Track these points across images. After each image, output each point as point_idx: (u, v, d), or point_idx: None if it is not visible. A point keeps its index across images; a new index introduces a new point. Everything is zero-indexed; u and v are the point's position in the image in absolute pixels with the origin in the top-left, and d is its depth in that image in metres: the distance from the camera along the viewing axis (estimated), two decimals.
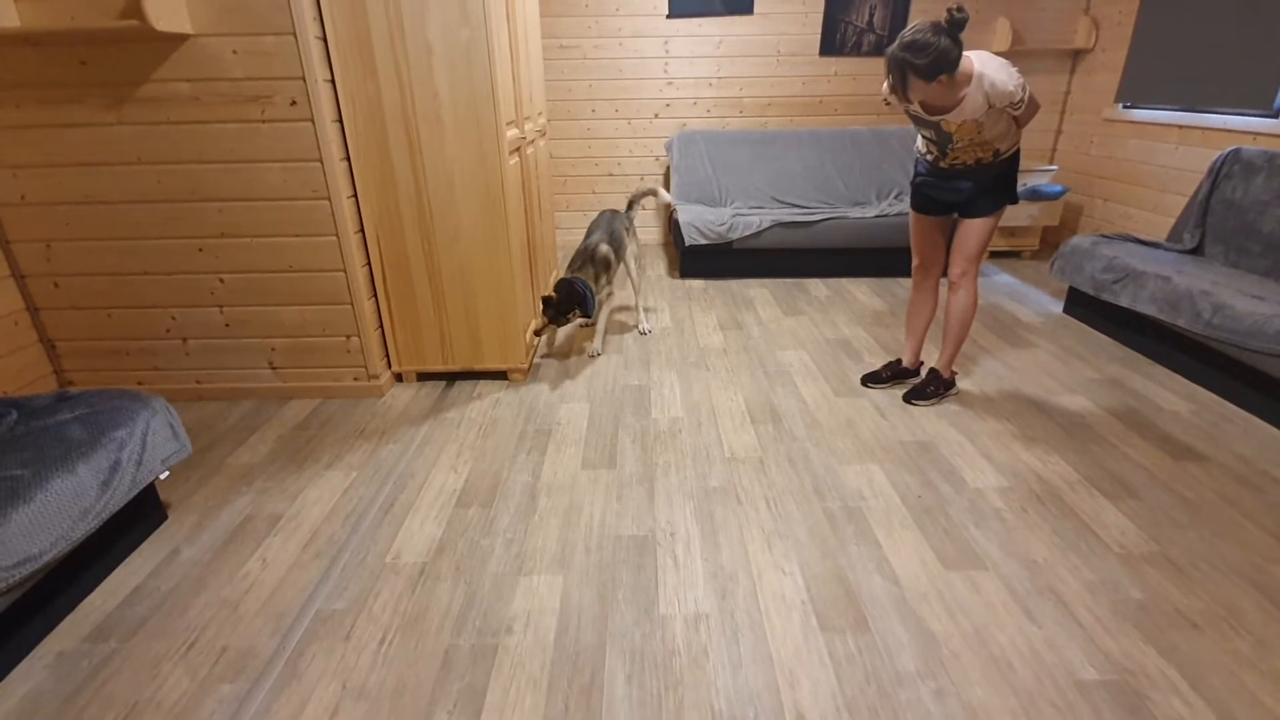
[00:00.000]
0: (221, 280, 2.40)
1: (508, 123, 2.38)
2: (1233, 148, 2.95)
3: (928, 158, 2.25)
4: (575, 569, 1.66)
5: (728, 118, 4.51)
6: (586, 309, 2.66)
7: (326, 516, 1.88)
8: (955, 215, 2.30)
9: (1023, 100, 1.94)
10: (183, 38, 2.07)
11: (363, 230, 2.41)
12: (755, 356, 2.90)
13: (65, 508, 1.41)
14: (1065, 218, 4.46)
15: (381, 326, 2.58)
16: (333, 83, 2.20)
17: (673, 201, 4.18)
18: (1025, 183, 4.10)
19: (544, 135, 3.32)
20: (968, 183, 2.18)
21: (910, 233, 2.43)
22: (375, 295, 2.53)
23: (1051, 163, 4.57)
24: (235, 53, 2.09)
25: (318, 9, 2.10)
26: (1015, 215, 4.11)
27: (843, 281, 3.95)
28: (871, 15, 4.21)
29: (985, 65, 1.92)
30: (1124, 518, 1.83)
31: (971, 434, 2.26)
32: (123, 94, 2.14)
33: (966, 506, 1.88)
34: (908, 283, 3.85)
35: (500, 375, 2.73)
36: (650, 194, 3.14)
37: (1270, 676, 1.35)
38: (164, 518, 1.89)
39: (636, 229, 3.31)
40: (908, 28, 1.86)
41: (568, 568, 1.67)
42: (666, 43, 4.30)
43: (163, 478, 2.05)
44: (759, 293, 3.75)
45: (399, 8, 2.10)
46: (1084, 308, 3.24)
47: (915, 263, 2.46)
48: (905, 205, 3.99)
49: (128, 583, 1.65)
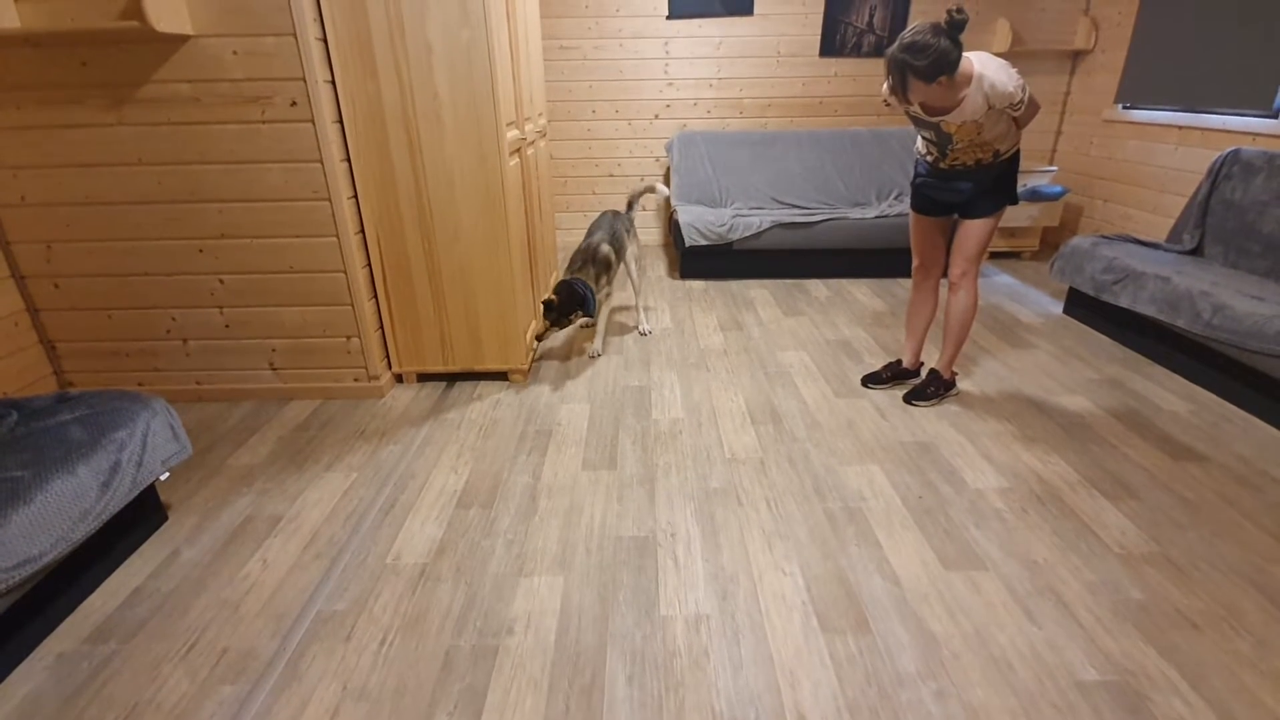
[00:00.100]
0: (222, 281, 2.40)
1: (508, 123, 2.38)
2: (1232, 148, 2.95)
3: (928, 159, 2.25)
4: (576, 570, 1.66)
5: (728, 119, 4.51)
6: (588, 309, 2.66)
7: (327, 517, 1.88)
8: (955, 216, 2.31)
9: (1022, 101, 1.94)
10: (183, 38, 2.07)
11: (363, 231, 2.42)
12: (755, 357, 2.90)
13: (65, 509, 1.41)
14: (1065, 218, 4.46)
15: (382, 327, 2.58)
16: (333, 83, 2.20)
17: (671, 198, 4.19)
18: (1025, 183, 4.10)
19: (544, 136, 3.32)
20: (968, 183, 2.18)
21: (910, 233, 2.43)
22: (375, 296, 2.53)
23: (1051, 163, 4.57)
24: (235, 53, 2.09)
25: (318, 9, 2.10)
26: (1015, 216, 4.12)
27: (843, 282, 3.95)
28: (871, 16, 4.21)
29: (985, 66, 1.92)
30: (1124, 518, 1.83)
31: (972, 434, 2.26)
32: (123, 95, 2.14)
33: (967, 507, 1.88)
34: (908, 283, 3.85)
35: (501, 376, 2.73)
36: (649, 191, 3.14)
37: (1271, 676, 1.35)
38: (164, 519, 1.89)
39: (637, 230, 3.31)
40: (907, 29, 1.86)
41: (568, 569, 1.67)
42: (667, 44, 4.30)
43: (163, 479, 2.05)
44: (759, 293, 3.75)
45: (399, 8, 2.10)
46: (1084, 308, 3.25)
47: (915, 263, 2.46)
48: (905, 206, 3.99)
49: (128, 584, 1.65)
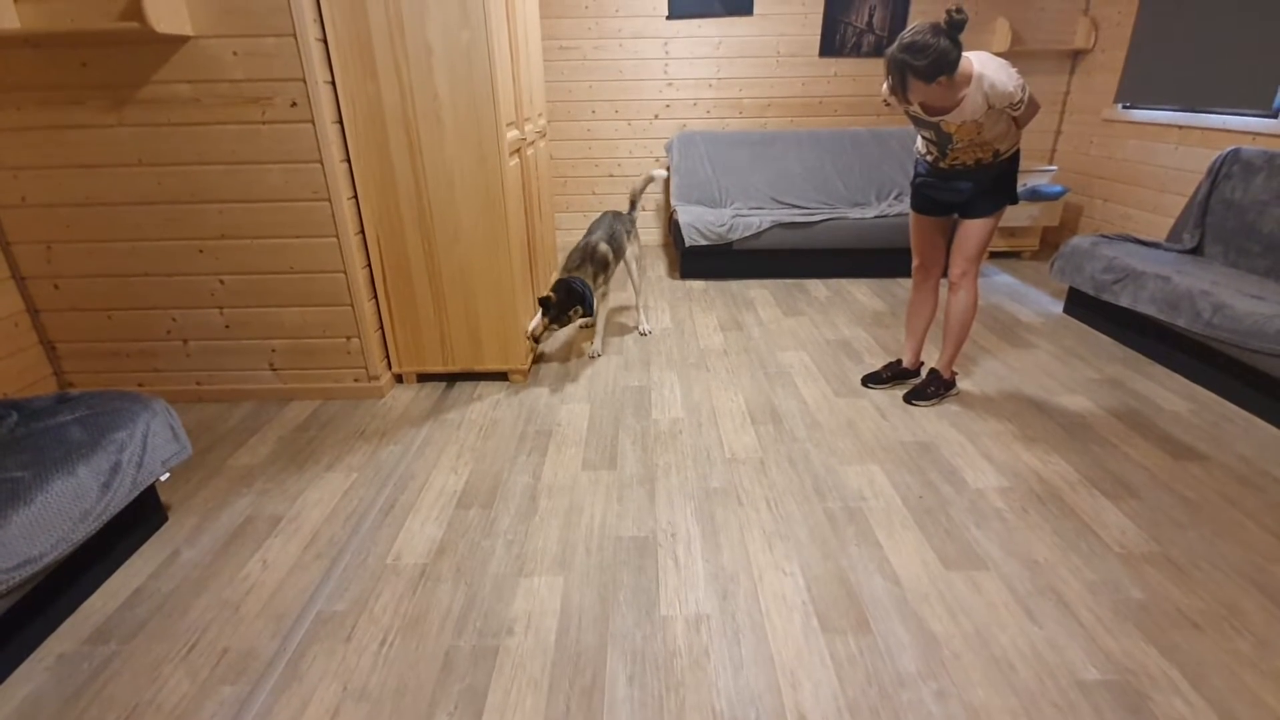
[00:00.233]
0: (222, 282, 2.40)
1: (508, 124, 2.38)
2: (1232, 148, 2.95)
3: (927, 158, 2.25)
4: (576, 570, 1.66)
5: (727, 119, 4.51)
6: (588, 306, 2.66)
7: (327, 518, 1.88)
8: (955, 216, 2.31)
9: (1022, 101, 1.94)
10: (183, 39, 2.07)
11: (363, 231, 2.42)
12: (755, 357, 2.90)
13: (65, 510, 1.41)
14: (1065, 218, 4.46)
15: (382, 328, 2.58)
16: (333, 84, 2.20)
17: (671, 196, 4.18)
18: (1025, 183, 4.10)
19: (544, 136, 3.33)
20: (967, 183, 2.18)
21: (910, 233, 2.43)
22: (375, 296, 2.53)
23: (1051, 163, 4.57)
24: (235, 54, 2.09)
25: (318, 10, 2.10)
26: (1015, 216, 4.11)
27: (843, 282, 3.95)
28: (871, 16, 4.21)
29: (985, 66, 1.92)
30: (1125, 518, 1.83)
31: (972, 434, 2.26)
32: (123, 96, 2.14)
33: (967, 507, 1.88)
34: (908, 283, 3.85)
35: (500, 376, 2.73)
36: (649, 182, 3.13)
37: (1272, 676, 1.35)
38: (164, 519, 1.89)
39: (638, 230, 3.30)
40: (907, 29, 1.86)
41: (568, 569, 1.67)
42: (666, 44, 4.30)
43: (163, 479, 2.05)
44: (759, 293, 3.75)
45: (399, 9, 2.10)
46: (1084, 308, 3.24)
47: (915, 263, 2.46)
48: (905, 206, 3.99)
49: (128, 584, 1.65)
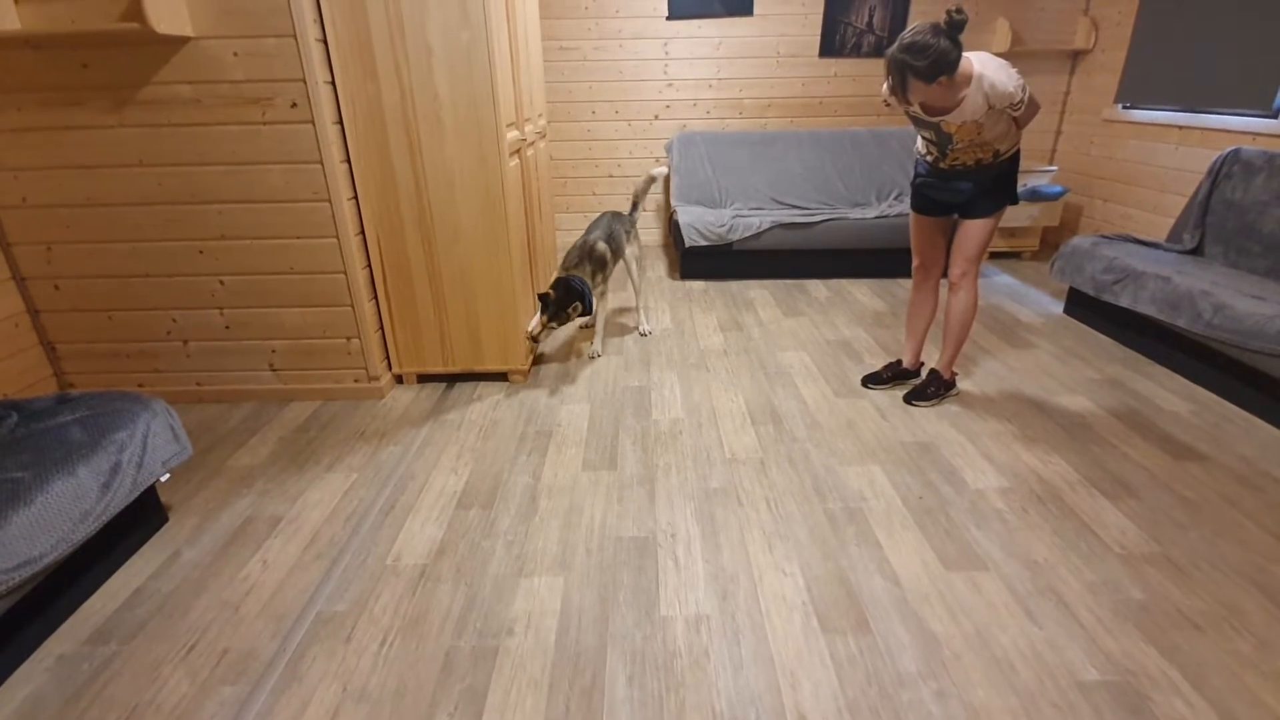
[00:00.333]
0: (222, 282, 2.40)
1: (508, 124, 2.38)
2: (1232, 148, 2.95)
3: (928, 159, 2.25)
4: (576, 570, 1.66)
5: (727, 119, 4.51)
6: (587, 304, 2.65)
7: (327, 518, 1.88)
8: (955, 216, 2.31)
9: (1022, 101, 1.94)
10: (183, 40, 2.07)
11: (363, 232, 2.42)
12: (755, 358, 2.90)
13: (66, 510, 1.41)
14: (1065, 218, 4.46)
15: (382, 328, 2.58)
16: (333, 84, 2.20)
17: (671, 197, 4.18)
18: (1025, 183, 4.10)
19: (544, 137, 3.33)
20: (968, 183, 2.18)
21: (910, 234, 2.43)
22: (375, 297, 2.53)
23: (1051, 163, 4.57)
24: (236, 55, 2.09)
25: (318, 11, 2.10)
26: (1015, 216, 4.11)
27: (843, 282, 3.95)
28: (871, 16, 4.21)
29: (985, 66, 1.92)
30: (1125, 518, 1.83)
31: (972, 435, 2.25)
32: (124, 96, 2.14)
33: (967, 507, 1.88)
34: (908, 284, 3.84)
35: (501, 377, 2.73)
36: (651, 182, 3.13)
37: (1272, 677, 1.35)
38: (164, 520, 1.89)
39: (638, 230, 3.30)
40: (907, 29, 1.86)
41: (568, 569, 1.67)
42: (666, 44, 4.30)
43: (163, 480, 2.05)
44: (759, 294, 3.75)
45: (399, 9, 2.10)
46: (1084, 308, 3.24)
47: (915, 263, 2.46)
48: (905, 206, 3.99)
49: (128, 585, 1.65)
